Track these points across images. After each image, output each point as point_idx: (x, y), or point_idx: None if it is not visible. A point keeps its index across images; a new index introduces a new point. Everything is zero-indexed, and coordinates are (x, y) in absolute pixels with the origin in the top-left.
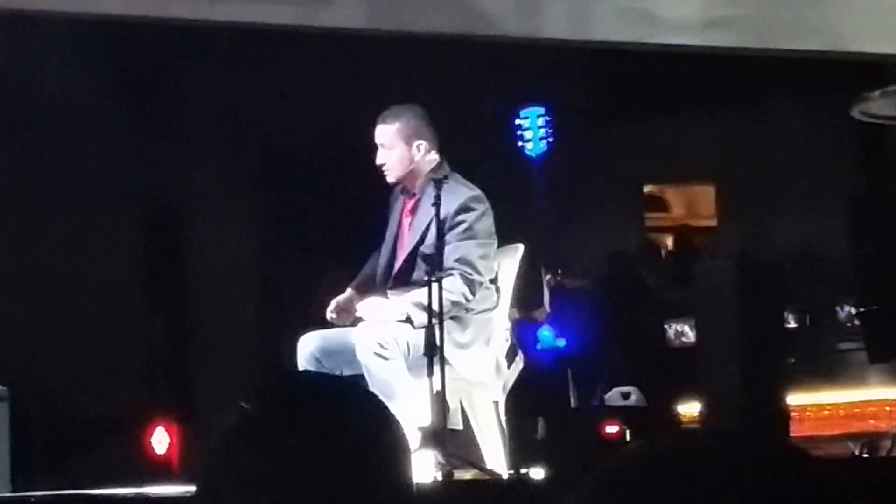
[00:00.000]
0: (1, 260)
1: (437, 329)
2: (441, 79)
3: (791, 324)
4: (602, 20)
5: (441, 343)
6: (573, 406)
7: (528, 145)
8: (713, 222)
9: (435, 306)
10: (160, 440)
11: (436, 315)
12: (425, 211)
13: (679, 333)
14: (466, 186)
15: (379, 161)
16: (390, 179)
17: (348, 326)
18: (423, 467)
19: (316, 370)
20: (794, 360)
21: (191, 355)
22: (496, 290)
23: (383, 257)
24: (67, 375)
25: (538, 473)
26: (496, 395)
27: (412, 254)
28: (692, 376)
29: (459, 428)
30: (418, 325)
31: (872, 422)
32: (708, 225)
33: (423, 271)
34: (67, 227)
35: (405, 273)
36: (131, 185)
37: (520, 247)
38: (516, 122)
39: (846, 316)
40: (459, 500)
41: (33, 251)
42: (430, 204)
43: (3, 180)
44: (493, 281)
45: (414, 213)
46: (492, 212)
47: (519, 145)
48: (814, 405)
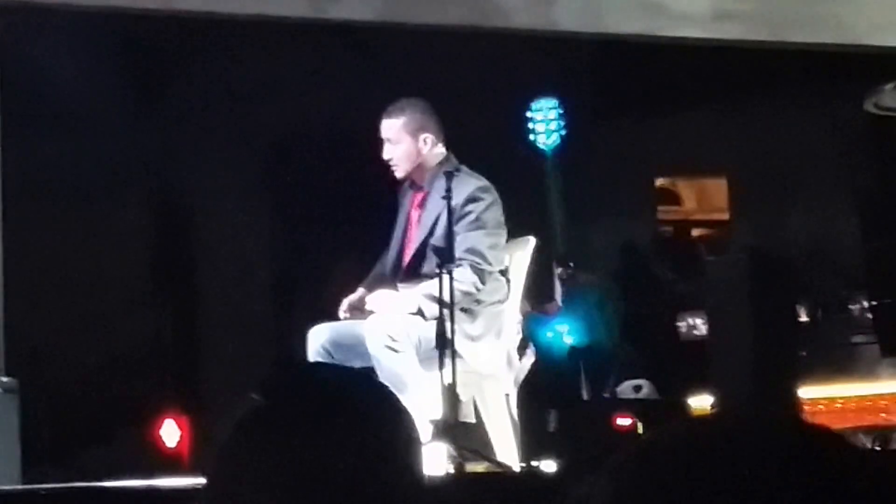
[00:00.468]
0: (11, 253)
1: (448, 321)
2: (453, 72)
3: (803, 317)
4: (614, 13)
5: (452, 336)
6: (585, 399)
7: (540, 138)
8: (725, 215)
9: (446, 298)
10: (170, 432)
11: (447, 306)
12: (434, 203)
13: (691, 326)
14: (474, 177)
15: (386, 156)
16: (399, 174)
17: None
18: (435, 460)
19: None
20: (806, 354)
21: (201, 347)
22: (507, 282)
23: (392, 251)
24: (77, 367)
25: (550, 466)
26: (507, 388)
27: (422, 246)
28: (704, 369)
29: (471, 421)
30: (430, 317)
31: (884, 415)
32: (720, 218)
33: (434, 263)
34: (77, 220)
35: (415, 266)
36: (141, 179)
37: (531, 239)
38: (528, 115)
39: (858, 309)
40: (471, 493)
41: (43, 244)
42: (440, 196)
43: (13, 174)
44: (504, 273)
45: (422, 207)
46: (500, 202)
47: (531, 138)
48: (826, 398)
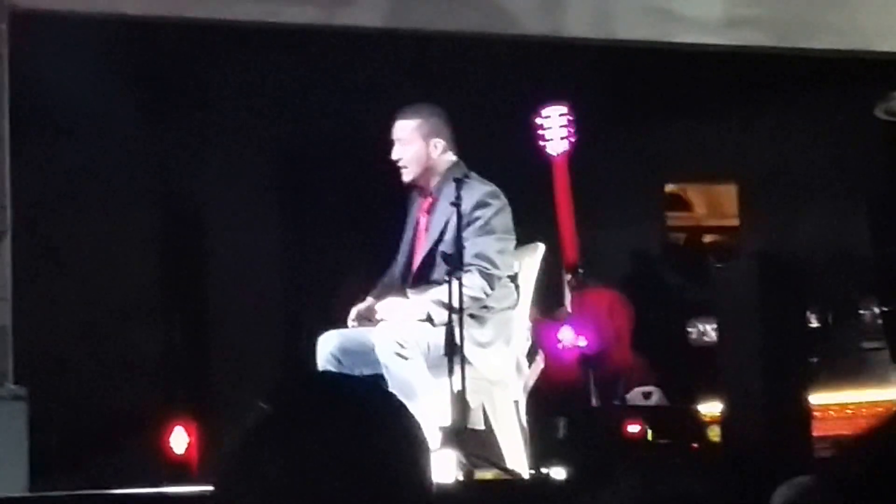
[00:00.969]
0: (20, 260)
1: (458, 328)
2: (462, 77)
3: (814, 323)
4: (624, 18)
5: (461, 342)
6: (594, 405)
7: (550, 144)
8: (735, 221)
9: (455, 304)
10: (179, 440)
11: (456, 312)
12: (442, 210)
13: (701, 333)
14: (483, 183)
15: (395, 156)
16: (406, 178)
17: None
18: (445, 467)
19: (335, 370)
20: (817, 360)
21: (210, 355)
22: (516, 289)
23: (401, 257)
24: (86, 375)
25: (559, 473)
26: (517, 395)
27: (430, 253)
28: (714, 376)
29: (480, 427)
30: (439, 323)
31: None
32: (730, 224)
33: (443, 270)
34: (86, 228)
35: (424, 272)
36: (151, 186)
37: (540, 245)
38: (537, 121)
39: (869, 315)
40: (480, 500)
41: (52, 251)
42: (449, 203)
43: (23, 181)
44: (514, 279)
45: (430, 213)
46: (509, 207)
47: (540, 144)
48: (836, 404)
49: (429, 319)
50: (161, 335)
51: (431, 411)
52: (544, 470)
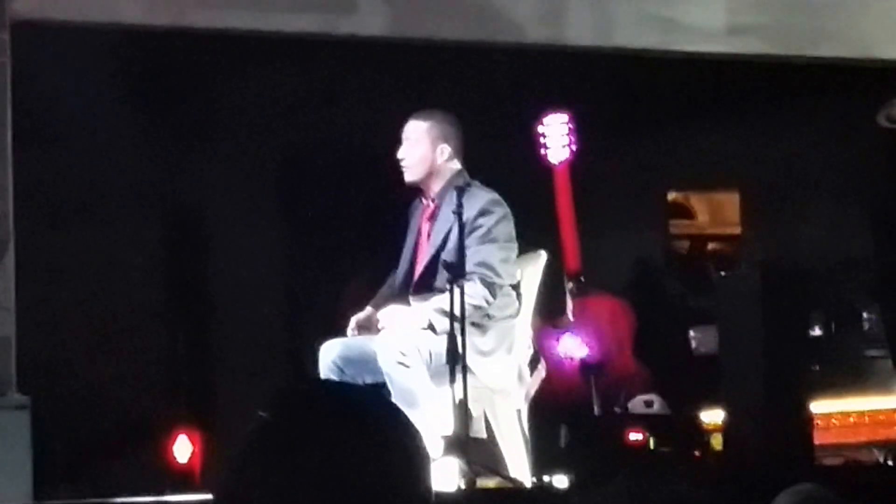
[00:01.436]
0: (23, 269)
1: (459, 336)
2: (464, 86)
3: (816, 331)
4: (625, 27)
5: (463, 351)
6: (596, 414)
7: (551, 152)
8: (737, 230)
9: (457, 312)
10: (182, 449)
11: (457, 320)
12: (444, 217)
13: (703, 341)
14: (486, 191)
15: (400, 155)
16: (408, 178)
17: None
18: (446, 475)
19: (337, 378)
20: (819, 368)
21: (213, 364)
22: (518, 297)
23: (403, 265)
24: (89, 384)
25: (561, 481)
26: (519, 403)
27: (432, 260)
28: (716, 384)
29: (482, 436)
30: (440, 332)
31: None
32: (732, 232)
33: (445, 278)
34: (89, 237)
35: (426, 280)
36: (153, 195)
37: (542, 253)
38: (539, 129)
39: (871, 323)
40: None
41: (55, 260)
42: (451, 210)
43: (25, 190)
44: (516, 287)
45: (433, 220)
46: (512, 216)
47: (542, 152)
48: (839, 412)
49: (430, 328)
50: (164, 344)
51: (433, 420)
52: (546, 478)
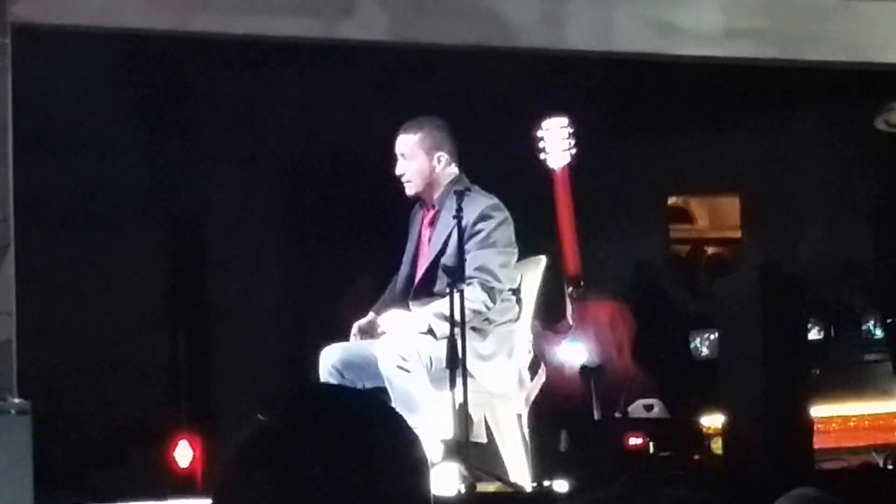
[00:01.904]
0: (23, 274)
1: (460, 341)
2: (463, 90)
3: (815, 335)
4: (624, 31)
5: (463, 355)
6: (596, 418)
7: (551, 156)
8: (737, 233)
9: (457, 317)
10: (183, 454)
11: (457, 325)
12: (445, 223)
13: (703, 345)
14: (485, 196)
15: (399, 171)
16: (409, 191)
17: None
18: (447, 480)
19: (338, 383)
20: (819, 372)
21: (214, 368)
22: (518, 302)
23: (404, 270)
24: (90, 389)
25: (562, 486)
26: (519, 408)
27: (432, 265)
28: (716, 388)
29: (483, 440)
30: (440, 336)
31: None
32: (732, 236)
33: (445, 282)
34: (89, 241)
35: (426, 285)
36: (153, 200)
37: (542, 258)
38: (538, 134)
39: (871, 327)
40: None
41: (55, 265)
42: (451, 216)
43: (27, 195)
44: (516, 292)
45: (433, 226)
46: (511, 221)
47: (541, 157)
48: (839, 417)
49: (431, 332)
50: (165, 349)
51: (434, 424)
52: (546, 482)
